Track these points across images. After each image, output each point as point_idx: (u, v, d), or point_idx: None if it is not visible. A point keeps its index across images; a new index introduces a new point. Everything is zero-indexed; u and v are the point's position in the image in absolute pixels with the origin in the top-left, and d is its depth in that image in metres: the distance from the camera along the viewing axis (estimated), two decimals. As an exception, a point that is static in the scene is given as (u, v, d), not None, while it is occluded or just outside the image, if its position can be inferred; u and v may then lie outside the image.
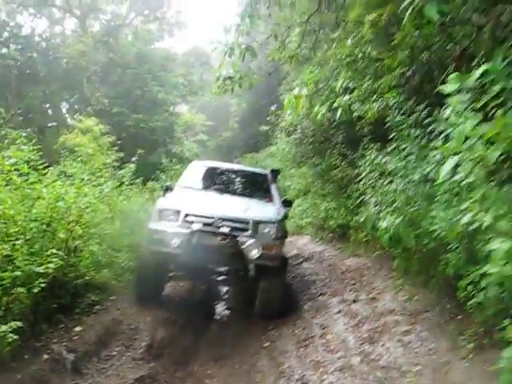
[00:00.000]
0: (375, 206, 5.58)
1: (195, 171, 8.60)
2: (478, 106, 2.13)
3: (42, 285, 4.71)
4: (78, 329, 5.38)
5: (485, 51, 3.61)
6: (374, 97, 6.63)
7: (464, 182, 2.32)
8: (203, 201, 7.08)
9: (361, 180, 6.72)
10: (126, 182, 10.57)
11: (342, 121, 8.09)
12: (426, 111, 5.16)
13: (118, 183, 9.72)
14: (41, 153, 6.61)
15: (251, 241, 6.15)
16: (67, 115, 28.81)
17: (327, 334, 5.41)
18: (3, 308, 4.33)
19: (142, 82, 25.98)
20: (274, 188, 8.24)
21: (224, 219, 6.28)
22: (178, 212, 6.33)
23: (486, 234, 2.42)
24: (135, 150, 12.89)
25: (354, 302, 6.17)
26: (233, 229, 6.24)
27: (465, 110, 2.23)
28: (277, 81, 20.43)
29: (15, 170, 5.52)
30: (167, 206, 6.59)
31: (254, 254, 6.11)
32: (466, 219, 2.47)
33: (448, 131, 2.49)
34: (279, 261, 6.50)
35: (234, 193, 7.76)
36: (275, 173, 8.91)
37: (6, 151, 5.57)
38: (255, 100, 28.81)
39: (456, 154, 2.15)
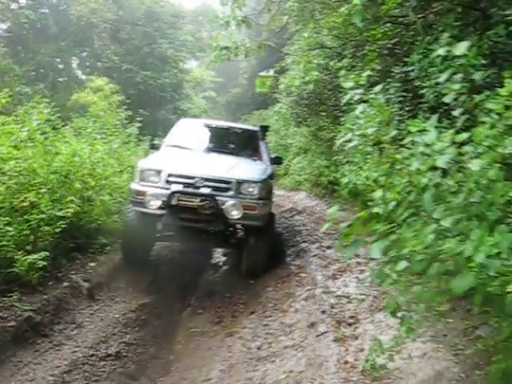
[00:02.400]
0: (347, 164, 6.41)
1: (183, 129, 8.25)
2: (367, 98, 2.95)
3: (63, 225, 5.72)
4: (91, 264, 6.40)
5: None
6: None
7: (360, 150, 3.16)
8: (187, 160, 6.80)
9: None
10: (134, 140, 11.42)
11: (334, 85, 8.77)
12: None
13: (126, 140, 10.61)
14: (56, 109, 7.44)
15: (231, 201, 5.99)
16: (78, 71, 29.56)
17: (301, 273, 6.39)
18: (31, 243, 5.35)
19: (151, 39, 26.35)
20: (262, 145, 8.04)
21: (206, 179, 6.10)
22: (160, 172, 6.13)
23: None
24: (143, 108, 13.72)
25: (329, 247, 7.11)
26: (214, 189, 6.06)
27: (357, 100, 3.05)
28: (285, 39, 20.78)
29: (37, 129, 6.45)
30: (149, 165, 6.35)
31: (235, 214, 6.00)
32: (364, 176, 3.31)
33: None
34: (263, 221, 6.36)
35: (220, 151, 7.38)
36: (264, 129, 8.73)
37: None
38: (265, 57, 28.80)
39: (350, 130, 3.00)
